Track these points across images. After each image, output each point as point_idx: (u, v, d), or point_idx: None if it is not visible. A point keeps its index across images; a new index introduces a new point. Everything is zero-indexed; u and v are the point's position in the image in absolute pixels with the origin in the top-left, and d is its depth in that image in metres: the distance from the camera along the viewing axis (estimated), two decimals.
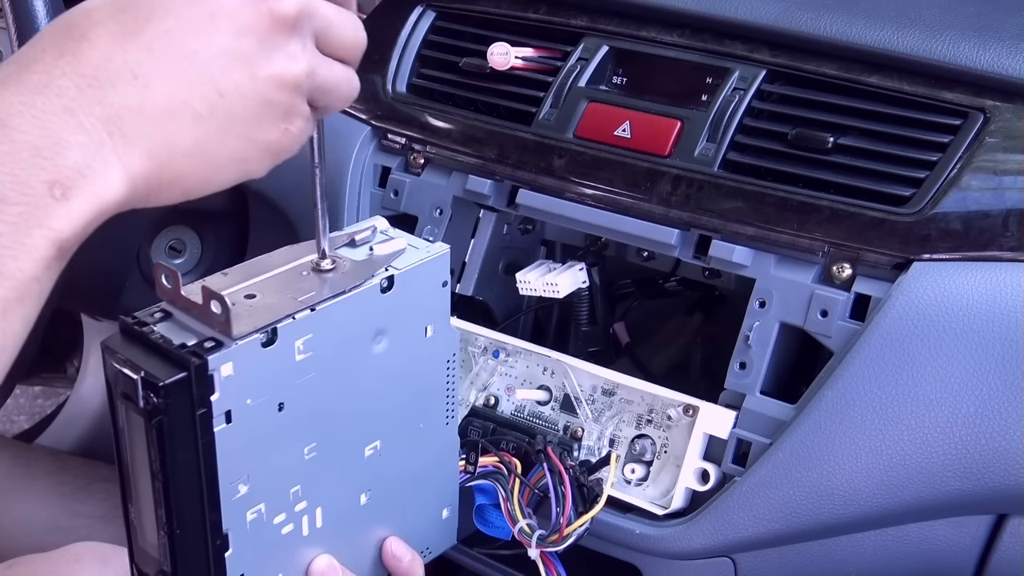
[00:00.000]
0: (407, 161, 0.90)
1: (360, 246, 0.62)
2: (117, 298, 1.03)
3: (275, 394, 0.56)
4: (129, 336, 0.55)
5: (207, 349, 0.53)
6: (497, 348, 0.82)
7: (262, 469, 0.57)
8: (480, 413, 0.81)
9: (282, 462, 0.58)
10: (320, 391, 0.59)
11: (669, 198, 0.77)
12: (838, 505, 0.71)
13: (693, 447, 0.74)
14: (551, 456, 0.73)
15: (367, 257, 0.62)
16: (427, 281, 0.64)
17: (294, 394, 0.57)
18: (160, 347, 0.53)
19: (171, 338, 0.53)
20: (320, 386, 0.58)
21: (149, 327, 0.54)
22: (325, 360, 0.58)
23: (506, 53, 0.85)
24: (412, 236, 0.65)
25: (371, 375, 0.62)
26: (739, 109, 0.77)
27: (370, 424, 0.63)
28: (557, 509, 0.71)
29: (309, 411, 0.59)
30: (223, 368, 0.53)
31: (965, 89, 0.72)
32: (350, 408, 0.61)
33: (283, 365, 0.56)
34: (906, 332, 0.68)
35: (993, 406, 0.68)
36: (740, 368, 0.74)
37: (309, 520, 0.61)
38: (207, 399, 0.53)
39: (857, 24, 0.76)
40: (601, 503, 0.72)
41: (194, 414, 0.52)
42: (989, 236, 0.68)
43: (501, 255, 0.89)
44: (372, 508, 0.65)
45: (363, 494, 0.65)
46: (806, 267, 0.73)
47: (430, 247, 0.64)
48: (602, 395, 0.78)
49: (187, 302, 0.54)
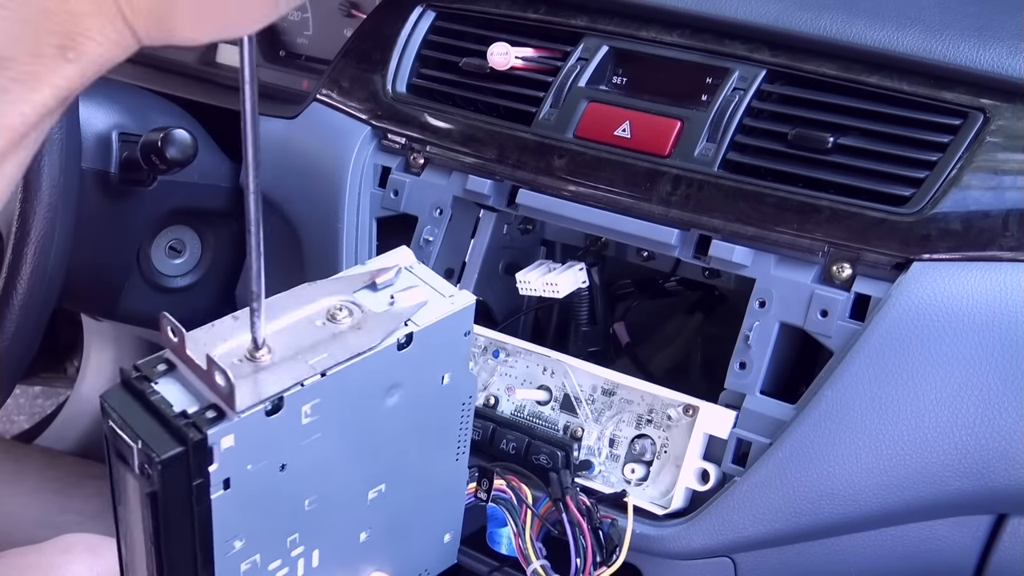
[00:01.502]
0: (407, 161, 0.90)
1: (380, 290, 0.58)
2: (117, 298, 1.03)
3: (277, 457, 0.54)
4: (129, 391, 0.52)
5: (208, 421, 0.50)
6: (497, 348, 0.82)
7: (260, 525, 0.55)
8: (480, 413, 0.81)
9: (281, 516, 0.56)
10: (325, 449, 0.56)
11: (669, 198, 0.77)
12: (838, 505, 0.71)
13: (693, 447, 0.74)
14: (570, 507, 0.71)
15: (387, 309, 0.57)
16: (449, 334, 0.60)
17: (297, 455, 0.54)
18: (160, 412, 0.50)
19: (172, 403, 0.51)
20: (325, 444, 0.56)
21: (150, 385, 0.51)
22: (333, 420, 0.55)
23: (506, 53, 0.85)
24: (435, 276, 0.61)
25: (381, 427, 0.59)
26: (739, 109, 0.77)
27: (376, 470, 0.61)
28: (577, 561, 0.70)
29: (312, 468, 0.56)
30: (223, 441, 0.50)
31: (965, 89, 0.72)
32: (356, 460, 0.59)
33: (288, 430, 0.53)
34: (906, 332, 0.68)
35: (993, 406, 0.68)
36: (740, 368, 0.74)
37: (305, 562, 0.59)
38: (205, 470, 0.50)
39: (857, 24, 0.76)
40: (620, 559, 0.70)
41: (190, 484, 0.50)
42: (989, 236, 0.68)
43: (501, 255, 0.89)
44: (372, 543, 0.63)
45: (364, 532, 0.62)
46: (806, 267, 0.73)
47: (455, 296, 0.60)
48: (602, 395, 0.78)
49: (191, 363, 0.51)
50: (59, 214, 0.84)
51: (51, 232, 0.84)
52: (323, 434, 0.55)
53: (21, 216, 0.83)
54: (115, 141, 0.97)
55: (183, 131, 0.92)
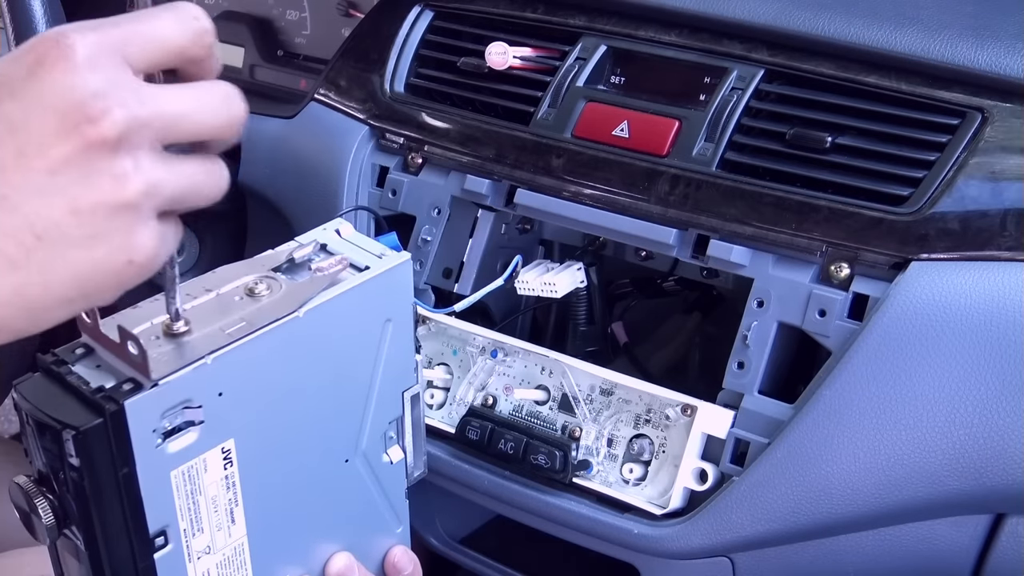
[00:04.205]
0: (405, 161, 0.90)
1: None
2: None
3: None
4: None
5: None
6: (495, 348, 0.82)
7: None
8: (478, 413, 0.81)
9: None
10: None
11: (667, 198, 0.77)
12: (836, 505, 0.71)
13: (691, 447, 0.74)
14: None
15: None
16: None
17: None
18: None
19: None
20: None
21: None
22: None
23: (504, 53, 0.85)
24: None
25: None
26: (737, 109, 0.77)
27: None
28: None
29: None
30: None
31: (963, 89, 0.72)
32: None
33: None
34: (904, 332, 0.68)
35: (991, 406, 0.68)
36: (738, 368, 0.74)
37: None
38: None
39: (855, 24, 0.76)
40: None
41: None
42: (987, 236, 0.68)
43: (499, 255, 0.89)
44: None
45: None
46: (804, 267, 0.73)
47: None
48: (600, 395, 0.78)
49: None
50: None
51: None
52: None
53: None
54: None
55: None
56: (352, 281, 0.58)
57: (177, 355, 0.52)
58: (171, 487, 0.53)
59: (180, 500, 0.54)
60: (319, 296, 0.57)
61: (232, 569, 0.59)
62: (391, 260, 0.60)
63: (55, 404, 0.51)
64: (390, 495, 0.67)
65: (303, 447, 0.60)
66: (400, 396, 0.65)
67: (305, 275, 0.58)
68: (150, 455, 0.52)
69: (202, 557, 0.57)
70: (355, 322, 0.59)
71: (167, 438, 0.52)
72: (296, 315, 0.55)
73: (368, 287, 0.59)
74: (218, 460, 0.55)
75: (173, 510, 0.54)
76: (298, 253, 0.59)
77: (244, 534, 0.58)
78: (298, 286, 0.57)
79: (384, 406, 0.64)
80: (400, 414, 0.65)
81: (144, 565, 0.53)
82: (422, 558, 0.72)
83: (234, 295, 0.56)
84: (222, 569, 0.58)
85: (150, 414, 0.51)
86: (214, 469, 0.55)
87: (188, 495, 0.55)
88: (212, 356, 0.52)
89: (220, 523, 0.57)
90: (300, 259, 0.59)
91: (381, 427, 0.65)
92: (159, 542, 0.54)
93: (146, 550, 0.53)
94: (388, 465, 0.66)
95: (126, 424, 0.50)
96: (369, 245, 0.61)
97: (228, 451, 0.55)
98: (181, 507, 0.54)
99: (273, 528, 0.60)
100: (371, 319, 0.60)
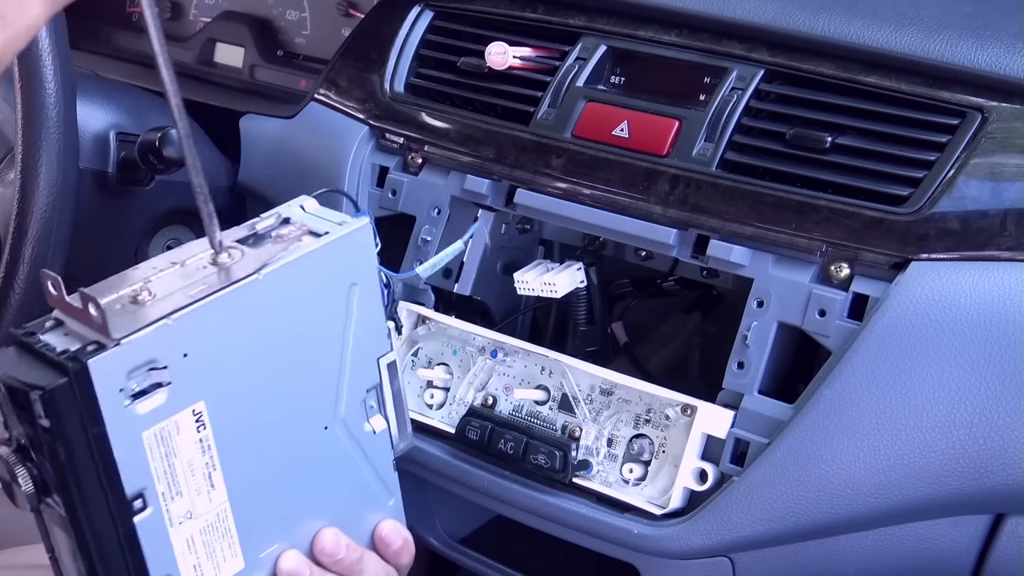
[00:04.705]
0: (405, 161, 0.90)
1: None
2: None
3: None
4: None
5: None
6: (495, 348, 0.82)
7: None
8: (478, 413, 0.81)
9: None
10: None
11: (667, 198, 0.77)
12: (836, 505, 0.71)
13: (691, 447, 0.74)
14: None
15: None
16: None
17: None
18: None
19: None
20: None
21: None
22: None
23: (504, 53, 0.85)
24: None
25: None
26: (737, 109, 0.77)
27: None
28: None
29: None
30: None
31: (963, 89, 0.72)
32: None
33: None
34: (904, 332, 0.68)
35: (991, 406, 0.68)
36: (738, 368, 0.74)
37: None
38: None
39: (855, 24, 0.76)
40: None
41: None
42: (987, 236, 0.68)
43: (499, 255, 0.89)
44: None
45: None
46: (804, 267, 0.73)
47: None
48: (600, 395, 0.78)
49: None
50: (57, 214, 0.84)
51: (48, 232, 0.84)
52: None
53: (19, 216, 0.83)
54: (113, 141, 0.97)
55: None
56: (311, 245, 0.60)
57: (139, 318, 0.53)
58: (144, 448, 0.55)
59: (155, 462, 0.55)
60: (279, 260, 0.58)
61: (216, 536, 0.59)
62: (350, 225, 0.61)
63: (24, 370, 0.52)
64: (377, 466, 0.68)
65: (278, 412, 0.61)
66: (376, 363, 0.66)
67: (267, 244, 0.60)
68: (119, 415, 0.53)
69: (184, 522, 0.57)
70: (318, 286, 0.61)
71: (136, 399, 0.53)
72: (256, 277, 0.57)
73: (328, 250, 0.60)
74: (190, 422, 0.56)
75: (148, 472, 0.55)
76: (260, 225, 0.61)
77: (226, 499, 0.59)
78: (258, 252, 0.59)
79: (359, 373, 0.65)
80: (378, 382, 0.66)
81: (125, 530, 0.54)
82: (422, 558, 0.72)
83: (198, 264, 0.58)
84: (206, 536, 0.59)
85: (115, 373, 0.52)
86: (187, 431, 0.56)
87: (162, 457, 0.55)
88: (173, 316, 0.54)
89: (199, 487, 0.58)
90: (262, 230, 0.61)
91: (359, 394, 0.65)
92: (137, 505, 0.55)
93: (125, 513, 0.54)
94: (371, 435, 0.67)
95: (91, 383, 0.51)
96: (332, 216, 0.63)
97: (200, 413, 0.57)
98: (156, 469, 0.55)
99: (257, 496, 0.61)
100: (335, 283, 0.62)
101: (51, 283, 0.54)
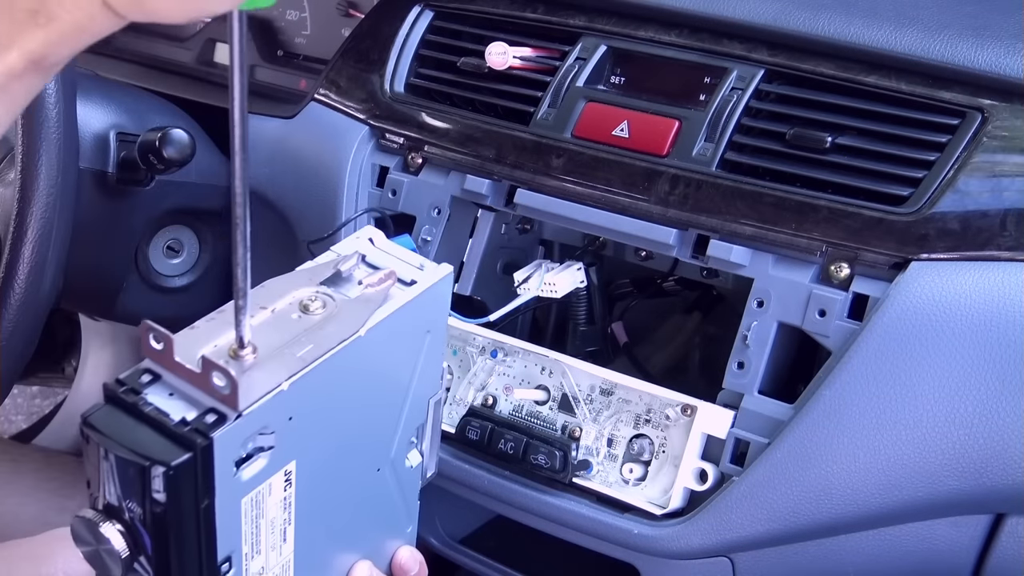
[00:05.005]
0: (405, 161, 0.90)
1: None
2: (115, 298, 1.03)
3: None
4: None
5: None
6: (495, 348, 0.82)
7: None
8: (478, 413, 0.81)
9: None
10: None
11: (667, 198, 0.77)
12: (836, 505, 0.71)
13: (691, 447, 0.74)
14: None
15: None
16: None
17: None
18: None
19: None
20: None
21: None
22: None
23: (504, 53, 0.85)
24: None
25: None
26: (737, 109, 0.77)
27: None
28: None
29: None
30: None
31: (963, 89, 0.72)
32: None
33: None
34: (904, 332, 0.68)
35: (991, 405, 0.68)
36: (738, 368, 0.74)
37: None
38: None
39: (855, 24, 0.76)
40: None
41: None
42: (987, 236, 0.68)
43: (499, 255, 0.89)
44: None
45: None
46: (804, 267, 0.73)
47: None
48: (600, 395, 0.78)
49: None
50: (57, 214, 0.84)
51: (49, 232, 0.84)
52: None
53: (19, 216, 0.83)
54: (113, 141, 0.96)
55: (181, 131, 0.92)
56: (403, 297, 0.58)
57: (254, 383, 0.50)
58: (240, 514, 0.53)
59: (247, 526, 0.54)
60: (377, 314, 0.56)
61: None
62: (434, 273, 0.59)
63: (136, 438, 0.49)
64: (407, 497, 0.67)
65: (348, 462, 0.60)
66: (427, 403, 0.64)
67: (354, 288, 0.57)
68: (228, 485, 0.51)
69: None
70: (403, 337, 0.59)
71: (239, 466, 0.51)
72: (358, 335, 0.55)
73: (417, 302, 0.58)
74: (280, 482, 0.55)
75: (239, 536, 0.53)
76: (343, 266, 0.58)
77: (292, 552, 0.58)
78: (353, 303, 0.56)
79: (414, 414, 0.64)
80: (424, 420, 0.65)
81: None
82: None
83: (290, 312, 0.54)
84: None
85: (234, 445, 0.50)
86: (276, 492, 0.55)
87: (253, 520, 0.54)
88: (288, 382, 0.51)
89: (274, 543, 0.56)
90: (346, 272, 0.58)
91: (409, 434, 0.64)
92: (224, 569, 0.53)
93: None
94: (408, 469, 0.66)
95: (213, 457, 0.48)
96: (406, 256, 0.60)
97: (290, 473, 0.55)
98: (246, 532, 0.54)
99: (316, 543, 0.60)
100: (416, 332, 0.60)
101: (153, 337, 0.49)
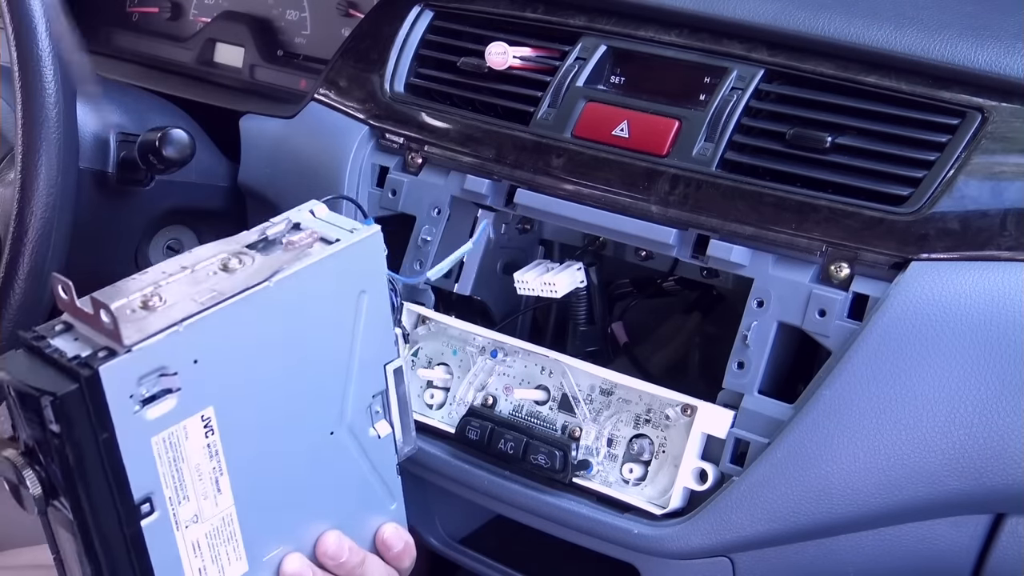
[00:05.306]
0: (405, 161, 0.90)
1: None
2: None
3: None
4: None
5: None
6: (495, 348, 0.82)
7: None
8: (478, 413, 0.81)
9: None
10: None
11: (667, 198, 0.77)
12: (836, 505, 0.71)
13: (691, 447, 0.74)
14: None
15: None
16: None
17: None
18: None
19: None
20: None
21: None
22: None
23: (504, 53, 0.85)
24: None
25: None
26: (737, 109, 0.77)
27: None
28: None
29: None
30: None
31: (963, 88, 0.72)
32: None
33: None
34: (904, 332, 0.68)
35: (991, 405, 0.68)
36: (738, 368, 0.74)
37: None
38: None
39: (855, 23, 0.76)
40: None
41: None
42: (987, 235, 0.68)
43: (499, 255, 0.89)
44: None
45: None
46: (804, 267, 0.73)
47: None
48: (600, 395, 0.78)
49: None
50: (57, 214, 0.84)
51: (49, 232, 0.84)
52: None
53: (18, 216, 0.83)
54: (113, 141, 0.97)
55: (181, 131, 0.92)
56: (322, 252, 0.60)
57: (150, 324, 0.53)
58: (152, 453, 0.55)
59: (163, 467, 0.56)
60: (290, 267, 0.58)
61: (222, 540, 0.60)
62: (361, 232, 0.61)
63: (35, 375, 0.52)
64: (381, 471, 0.68)
65: (286, 418, 0.61)
66: (383, 369, 0.66)
67: (277, 249, 0.60)
68: (129, 421, 0.53)
69: (190, 526, 0.58)
70: (328, 293, 0.61)
71: (145, 405, 0.54)
72: (267, 284, 0.57)
73: (338, 258, 0.60)
74: (199, 428, 0.57)
75: (156, 477, 0.55)
76: (271, 230, 0.61)
77: (231, 504, 0.59)
78: (269, 259, 0.59)
79: (366, 379, 0.65)
80: (384, 388, 0.66)
81: (131, 532, 0.55)
82: (422, 558, 0.72)
83: (208, 270, 0.58)
84: (211, 539, 0.59)
85: (126, 379, 0.53)
86: (195, 437, 0.57)
87: (171, 462, 0.56)
88: (184, 323, 0.54)
89: (206, 492, 0.58)
90: (273, 236, 0.61)
91: (365, 400, 0.66)
92: (144, 509, 0.55)
93: (132, 517, 0.54)
94: (376, 440, 0.67)
95: (102, 389, 0.51)
96: (342, 222, 0.63)
97: (208, 419, 0.57)
98: (164, 474, 0.56)
99: (262, 500, 0.61)
100: (345, 291, 0.62)
101: (61, 287, 0.54)
